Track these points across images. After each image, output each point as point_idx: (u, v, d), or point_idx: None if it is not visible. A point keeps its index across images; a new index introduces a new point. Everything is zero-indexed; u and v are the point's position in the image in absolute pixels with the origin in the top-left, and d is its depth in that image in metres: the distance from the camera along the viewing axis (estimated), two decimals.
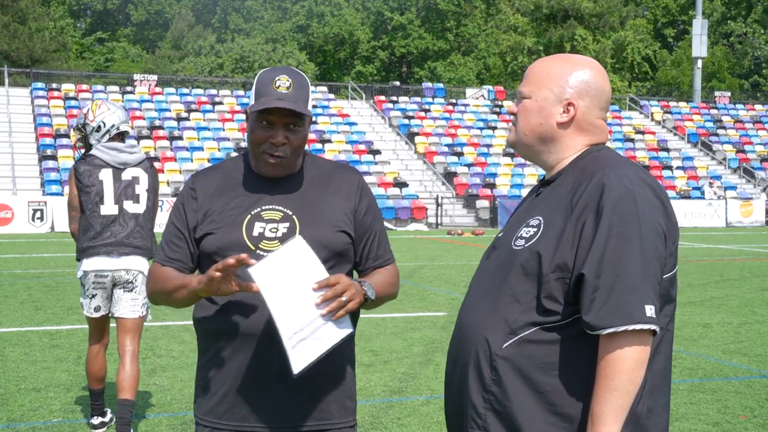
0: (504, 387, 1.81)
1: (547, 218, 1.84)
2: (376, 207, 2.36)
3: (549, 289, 1.78)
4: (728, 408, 5.24)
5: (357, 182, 2.30)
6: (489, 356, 1.82)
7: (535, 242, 1.82)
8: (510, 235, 1.92)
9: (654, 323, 1.70)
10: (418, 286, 11.14)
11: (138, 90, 31.28)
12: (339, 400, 2.24)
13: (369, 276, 2.30)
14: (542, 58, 2.03)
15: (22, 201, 22.16)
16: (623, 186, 1.77)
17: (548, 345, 1.78)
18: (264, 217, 2.20)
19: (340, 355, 2.21)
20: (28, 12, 43.43)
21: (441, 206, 26.31)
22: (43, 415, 4.98)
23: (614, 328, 1.69)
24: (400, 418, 4.99)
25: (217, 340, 2.20)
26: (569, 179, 1.88)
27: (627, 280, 1.71)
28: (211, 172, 2.31)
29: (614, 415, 1.69)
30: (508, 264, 1.86)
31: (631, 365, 1.69)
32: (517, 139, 1.99)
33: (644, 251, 1.74)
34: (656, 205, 1.80)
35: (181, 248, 2.25)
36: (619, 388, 1.69)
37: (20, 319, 8.32)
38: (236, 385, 2.17)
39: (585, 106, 1.92)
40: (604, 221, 1.74)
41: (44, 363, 6.31)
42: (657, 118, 37.05)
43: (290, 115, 2.17)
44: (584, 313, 1.73)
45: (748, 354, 6.89)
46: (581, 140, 1.94)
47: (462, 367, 1.90)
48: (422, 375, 6.06)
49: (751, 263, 15.01)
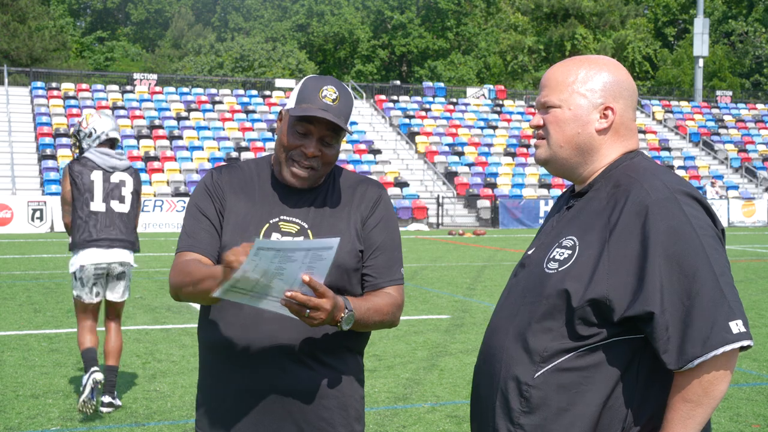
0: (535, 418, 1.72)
1: (582, 239, 1.72)
2: (393, 223, 2.20)
3: (582, 315, 1.68)
4: (740, 416, 5.16)
5: (378, 196, 2.18)
6: (518, 386, 1.73)
7: (569, 267, 1.71)
8: (541, 254, 1.80)
9: (742, 339, 1.60)
10: (421, 288, 11.04)
11: (138, 89, 31.23)
12: (346, 422, 2.12)
13: (366, 296, 2.13)
14: (558, 63, 1.88)
15: (22, 201, 22.12)
16: (663, 197, 1.67)
17: (583, 371, 1.69)
18: (281, 228, 2.11)
19: (347, 375, 2.12)
20: (28, 11, 43.37)
21: (442, 206, 26.26)
22: (41, 423, 4.89)
23: (698, 359, 1.60)
24: (405, 426, 4.91)
25: (219, 354, 2.12)
26: (603, 193, 1.76)
27: (700, 305, 1.61)
28: (234, 170, 2.20)
29: (693, 429, 1.64)
30: (538, 288, 1.75)
31: (718, 388, 1.63)
32: (552, 154, 1.84)
33: (710, 260, 1.63)
34: (701, 209, 1.70)
35: (211, 235, 2.12)
36: (702, 405, 1.63)
37: (19, 322, 8.23)
38: (237, 403, 2.09)
39: (621, 108, 1.81)
40: (655, 245, 1.63)
41: (43, 368, 6.22)
42: (658, 118, 36.99)
43: (329, 129, 2.07)
44: (662, 354, 1.63)
45: (758, 359, 6.79)
46: (618, 147, 1.82)
47: (489, 396, 1.80)
48: (427, 381, 5.98)
49: (756, 264, 14.91)
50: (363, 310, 2.02)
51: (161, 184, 24.67)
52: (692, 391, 1.62)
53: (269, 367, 2.05)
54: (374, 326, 2.10)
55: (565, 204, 1.88)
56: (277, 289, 1.83)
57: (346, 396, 2.12)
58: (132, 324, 8.09)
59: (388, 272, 2.15)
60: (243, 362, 2.07)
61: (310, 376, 2.07)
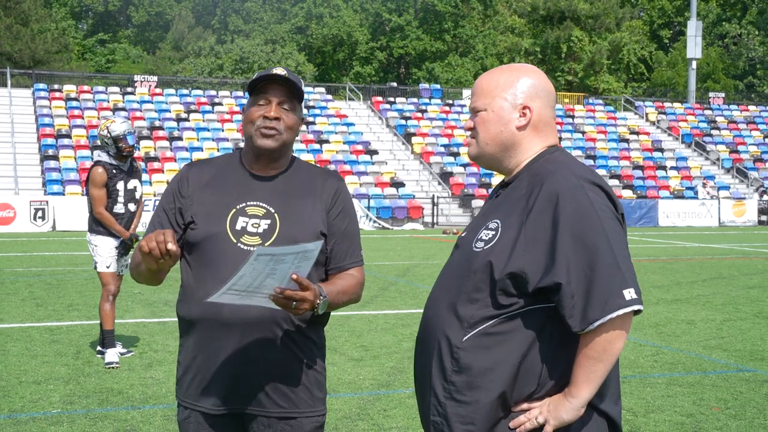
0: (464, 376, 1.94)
1: (504, 221, 1.96)
2: (352, 211, 2.45)
3: (503, 286, 1.92)
4: (703, 400, 5.38)
5: (337, 187, 2.41)
6: (450, 349, 1.96)
7: (492, 246, 1.94)
8: (471, 235, 2.04)
9: (633, 304, 1.85)
10: (411, 284, 11.31)
11: (138, 91, 31.41)
12: (307, 389, 2.33)
13: (333, 279, 2.37)
14: (486, 72, 2.13)
15: (24, 200, 22.28)
16: (572, 185, 1.90)
17: (504, 335, 1.92)
18: (248, 212, 2.31)
19: (310, 346, 2.34)
20: (31, 14, 43.54)
21: (437, 206, 26.47)
22: (43, 407, 5.11)
23: (597, 322, 1.84)
24: (387, 410, 5.11)
25: (192, 327, 2.33)
26: (524, 182, 2.00)
27: (599, 276, 1.84)
28: (204, 165, 2.43)
29: (595, 382, 1.89)
30: (467, 264, 1.99)
31: (615, 345, 1.87)
32: (480, 150, 2.08)
33: (609, 238, 1.87)
34: (603, 196, 1.93)
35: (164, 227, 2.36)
36: (603, 360, 1.88)
37: (21, 315, 8.47)
38: (208, 370, 2.30)
39: (539, 107, 2.04)
40: (563, 226, 1.87)
41: (44, 357, 6.46)
42: (651, 119, 37.20)
43: (285, 96, 2.33)
44: (568, 319, 1.86)
45: (728, 349, 7.04)
46: (538, 141, 2.05)
47: (426, 358, 2.03)
48: (410, 369, 6.15)
49: (740, 262, 15.17)
50: (334, 294, 2.27)
51: (161, 185, 24.93)
52: (594, 349, 1.87)
53: (236, 338, 2.26)
54: (343, 305, 2.37)
55: (495, 195, 2.15)
56: (268, 287, 2.05)
57: (308, 366, 2.34)
58: (130, 317, 8.37)
59: (351, 255, 2.42)
60: (212, 334, 2.28)
61: (276, 346, 2.28)
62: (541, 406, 1.92)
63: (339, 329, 7.71)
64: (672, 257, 16.09)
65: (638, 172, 31.59)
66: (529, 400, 1.93)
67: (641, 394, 5.55)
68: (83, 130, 27.63)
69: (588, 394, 1.90)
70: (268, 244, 2.28)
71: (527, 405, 1.93)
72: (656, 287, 11.14)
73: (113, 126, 6.39)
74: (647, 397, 5.48)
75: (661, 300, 9.95)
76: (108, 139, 6.40)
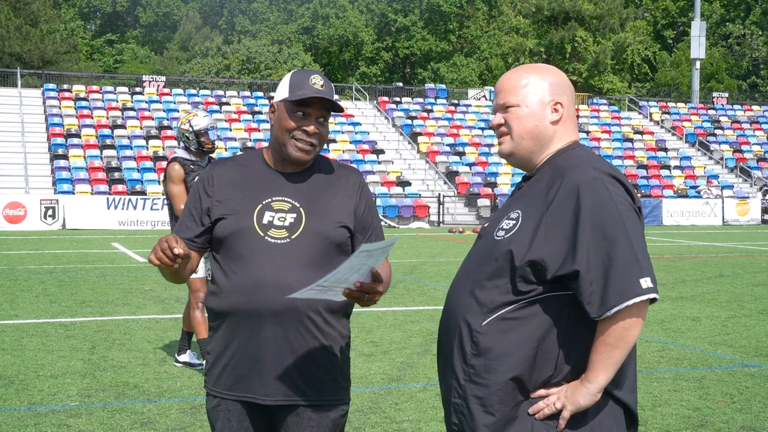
0: (483, 359, 2.01)
1: (525, 212, 2.03)
2: (374, 205, 2.54)
3: (522, 273, 1.98)
4: (709, 395, 5.44)
5: (359, 182, 2.49)
6: (470, 333, 2.03)
7: (513, 234, 2.01)
8: (493, 225, 2.11)
9: (650, 292, 1.91)
10: (419, 282, 11.41)
11: (147, 91, 31.58)
12: (333, 379, 2.39)
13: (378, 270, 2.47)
14: (509, 71, 2.20)
15: (35, 199, 22.43)
16: (592, 178, 1.98)
17: (523, 320, 1.99)
18: (274, 207, 2.37)
19: (336, 336, 2.42)
20: (40, 14, 43.77)
21: (443, 205, 26.53)
22: (62, 399, 5.19)
23: (615, 308, 1.91)
24: (398, 404, 5.16)
25: (223, 319, 2.38)
26: (546, 175, 2.07)
27: (617, 265, 1.91)
28: (229, 163, 2.49)
29: (612, 368, 1.95)
30: (489, 252, 2.06)
31: (631, 332, 1.94)
32: (515, 145, 2.12)
33: (627, 229, 1.93)
34: (621, 189, 2.01)
35: (189, 228, 2.44)
36: (619, 347, 1.94)
37: (36, 311, 8.57)
38: (237, 359, 2.36)
39: (567, 102, 2.13)
40: (584, 217, 1.93)
41: (60, 352, 6.55)
42: (656, 119, 37.23)
43: (324, 109, 2.39)
44: (586, 305, 1.92)
45: (733, 345, 7.11)
46: (564, 137, 2.13)
47: (448, 342, 2.10)
48: (420, 364, 6.25)
49: (744, 260, 15.20)
50: (386, 284, 2.34)
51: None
52: (611, 336, 1.93)
53: (266, 328, 2.32)
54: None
55: (518, 187, 2.23)
56: (350, 281, 2.13)
57: (334, 356, 2.40)
58: (143, 314, 8.48)
59: None
60: (243, 325, 2.33)
61: (303, 336, 2.34)
62: (558, 392, 1.98)
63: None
64: (676, 256, 16.14)
65: (642, 171, 31.62)
66: (546, 385, 2.00)
67: (648, 388, 5.62)
68: (92, 129, 27.80)
69: (604, 380, 1.96)
70: (295, 237, 2.36)
71: (545, 391, 1.99)
72: (661, 285, 11.21)
73: (195, 120, 5.96)
74: (654, 391, 5.55)
75: (666, 297, 10.01)
76: (190, 134, 5.95)
